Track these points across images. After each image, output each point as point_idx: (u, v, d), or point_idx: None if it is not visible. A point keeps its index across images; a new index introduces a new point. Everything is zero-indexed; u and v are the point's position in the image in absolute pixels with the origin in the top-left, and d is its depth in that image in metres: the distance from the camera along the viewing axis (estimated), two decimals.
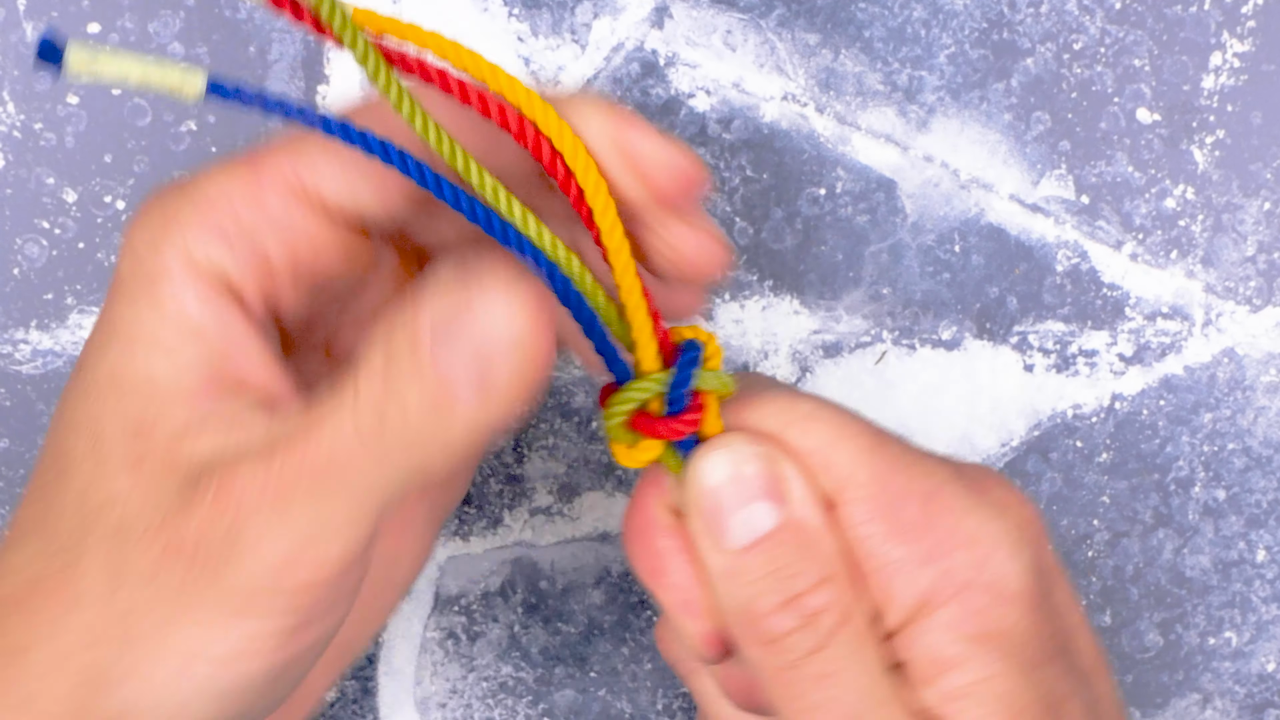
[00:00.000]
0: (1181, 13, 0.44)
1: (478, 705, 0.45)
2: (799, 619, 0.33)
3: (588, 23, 0.43)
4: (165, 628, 0.31)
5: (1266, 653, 0.45)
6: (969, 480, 0.34)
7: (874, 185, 0.44)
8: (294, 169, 0.32)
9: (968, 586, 0.32)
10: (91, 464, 0.33)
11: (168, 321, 0.32)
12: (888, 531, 0.33)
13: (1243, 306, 0.45)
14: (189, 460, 0.32)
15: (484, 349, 0.30)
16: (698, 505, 0.34)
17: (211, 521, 0.31)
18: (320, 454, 0.31)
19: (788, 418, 0.34)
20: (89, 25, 0.43)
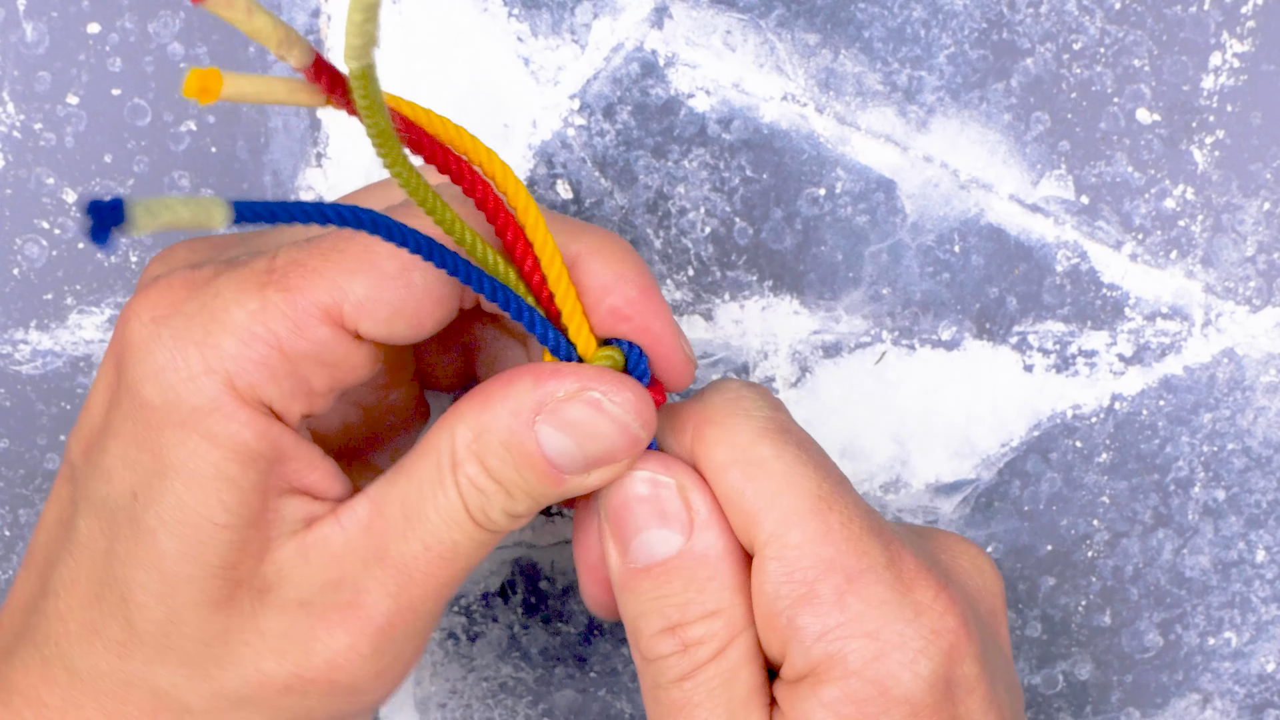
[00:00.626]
0: (1181, 13, 0.44)
1: (478, 705, 0.45)
2: (675, 646, 0.34)
3: (587, 23, 0.43)
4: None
5: (1266, 653, 0.45)
6: (898, 573, 0.33)
7: (874, 185, 0.44)
8: (335, 302, 0.32)
9: (854, 675, 0.32)
10: (170, 605, 0.33)
11: (227, 454, 0.32)
12: (798, 599, 0.33)
13: (1242, 307, 0.45)
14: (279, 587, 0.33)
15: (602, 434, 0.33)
16: (607, 514, 0.35)
17: (353, 649, 0.33)
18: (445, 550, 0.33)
19: (739, 456, 0.34)
20: (89, 26, 0.43)
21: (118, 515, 0.33)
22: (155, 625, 0.33)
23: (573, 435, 0.33)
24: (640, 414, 0.33)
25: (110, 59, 0.43)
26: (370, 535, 0.33)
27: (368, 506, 0.33)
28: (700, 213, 0.44)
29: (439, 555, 0.33)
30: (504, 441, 0.33)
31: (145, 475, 0.33)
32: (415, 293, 0.33)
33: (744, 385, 0.35)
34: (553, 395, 0.33)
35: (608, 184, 0.44)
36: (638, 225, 0.44)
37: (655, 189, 0.44)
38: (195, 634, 0.33)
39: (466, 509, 0.33)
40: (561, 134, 0.43)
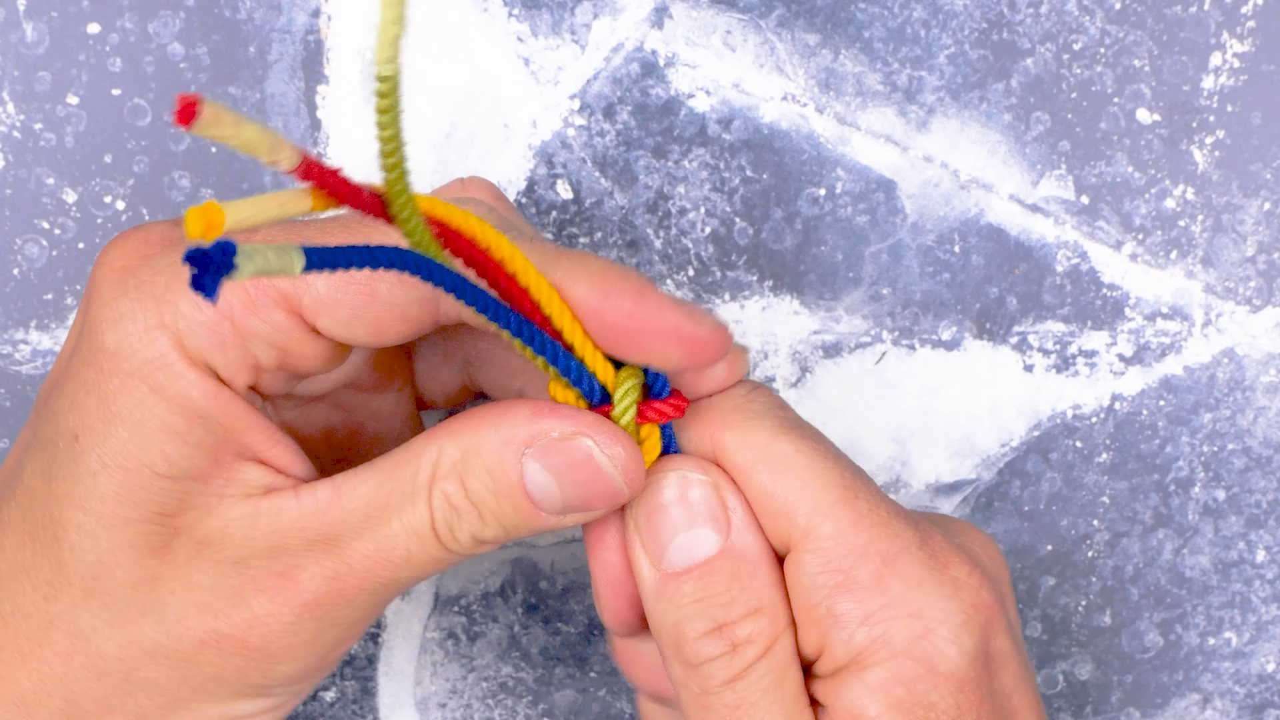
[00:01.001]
0: (1181, 13, 0.44)
1: (478, 705, 0.45)
2: (723, 647, 0.34)
3: (587, 23, 0.43)
4: (188, 704, 0.35)
5: (1266, 653, 0.45)
6: (931, 552, 0.34)
7: (874, 185, 0.44)
8: (296, 292, 0.33)
9: (902, 655, 0.33)
10: (104, 547, 0.34)
11: (173, 408, 0.33)
12: (836, 586, 0.33)
13: (1242, 307, 0.45)
14: (220, 544, 0.34)
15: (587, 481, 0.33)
16: (639, 522, 0.35)
17: (274, 616, 0.34)
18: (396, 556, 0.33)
19: (762, 456, 0.34)
20: (89, 25, 0.43)
21: (59, 456, 0.34)
22: (85, 567, 0.33)
23: (557, 476, 0.33)
24: (628, 471, 0.33)
25: (110, 59, 0.43)
26: (324, 519, 0.33)
27: (329, 492, 0.33)
28: (700, 213, 0.44)
29: (387, 559, 0.33)
30: (489, 466, 0.33)
31: (90, 418, 0.33)
32: (377, 303, 0.33)
33: (750, 388, 0.35)
34: (547, 433, 0.33)
35: (608, 184, 0.44)
36: (638, 225, 0.44)
37: (655, 189, 0.44)
38: (124, 578, 0.33)
39: (433, 524, 0.33)
40: (561, 134, 0.43)
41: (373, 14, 0.43)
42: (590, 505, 0.34)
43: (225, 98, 0.43)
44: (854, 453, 0.45)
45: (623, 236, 0.44)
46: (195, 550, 0.33)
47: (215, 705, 0.35)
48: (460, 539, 0.34)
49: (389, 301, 0.33)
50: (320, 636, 0.34)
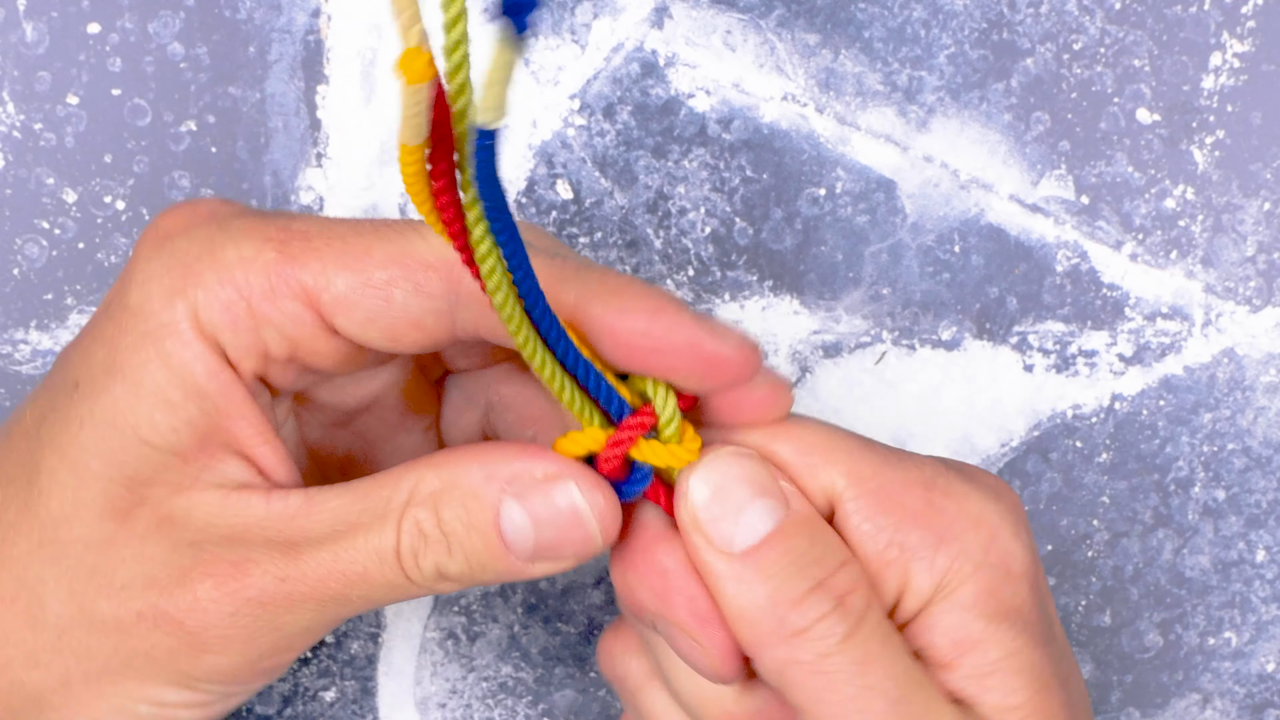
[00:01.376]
0: (1181, 13, 0.44)
1: (478, 705, 0.45)
2: (829, 603, 0.33)
3: (587, 23, 0.43)
4: (115, 677, 0.35)
5: (1266, 653, 0.45)
6: (959, 468, 0.34)
7: (874, 185, 0.44)
8: (316, 289, 0.33)
9: (981, 566, 0.33)
10: (70, 498, 0.34)
11: (174, 377, 0.33)
12: (898, 520, 0.33)
13: (1242, 307, 0.45)
14: (182, 524, 0.33)
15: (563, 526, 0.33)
16: (695, 518, 0.33)
17: (215, 603, 0.33)
18: (353, 572, 0.33)
19: (774, 432, 0.34)
20: (89, 25, 0.43)
21: (57, 401, 0.34)
22: (49, 515, 0.33)
23: (534, 518, 0.33)
24: (604, 521, 0.33)
25: (110, 59, 0.43)
26: (288, 525, 0.33)
27: (301, 501, 0.33)
28: (700, 213, 0.44)
29: (342, 572, 0.33)
30: (466, 498, 0.33)
31: (94, 370, 0.33)
32: (393, 308, 0.33)
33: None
34: (529, 473, 0.33)
35: (608, 184, 0.44)
36: (638, 225, 0.44)
37: (655, 189, 0.44)
38: (81, 534, 0.33)
39: (398, 548, 0.33)
40: (561, 134, 0.44)
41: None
42: (560, 553, 0.33)
43: (225, 98, 0.43)
44: None
45: (623, 236, 0.44)
46: (155, 524, 0.33)
47: (140, 685, 0.34)
48: (423, 568, 0.33)
49: (404, 308, 0.33)
50: (257, 636, 0.34)
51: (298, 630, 0.34)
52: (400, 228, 0.33)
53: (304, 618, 0.34)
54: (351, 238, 0.33)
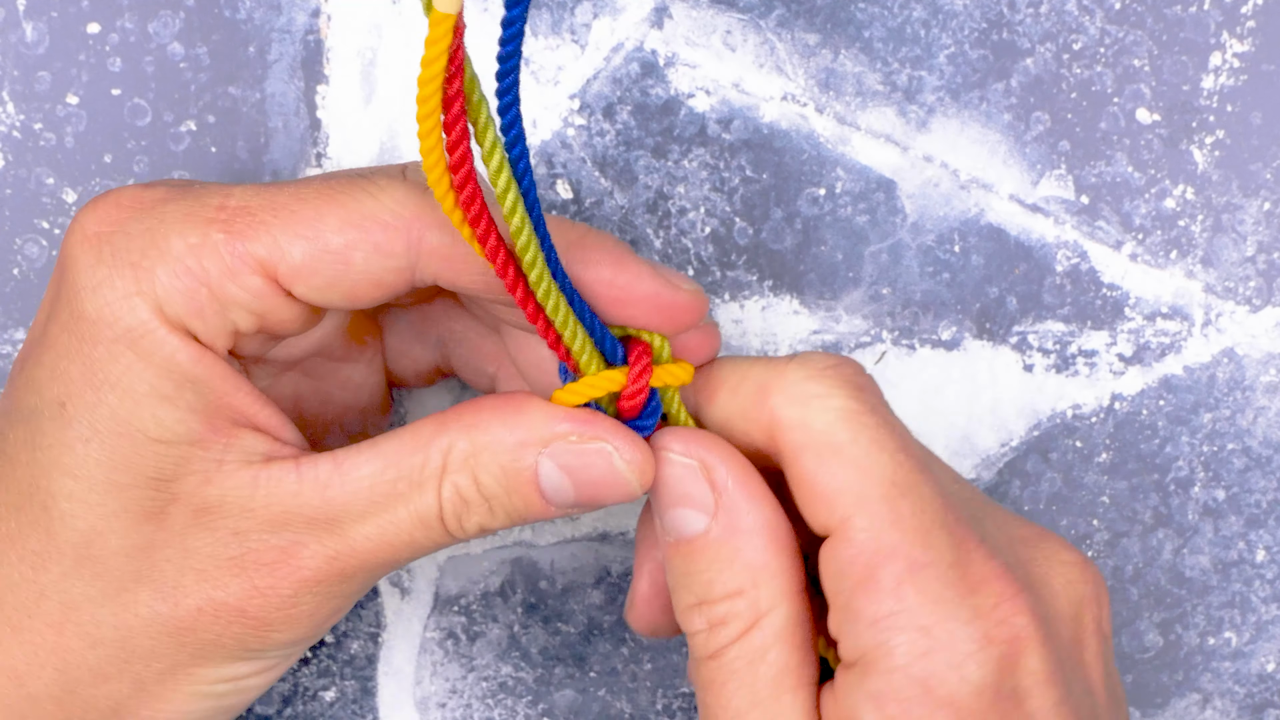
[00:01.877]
0: (1181, 13, 0.44)
1: (478, 705, 0.45)
2: (703, 623, 0.34)
3: (587, 23, 0.43)
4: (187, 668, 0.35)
5: (1266, 653, 0.45)
6: (963, 571, 0.32)
7: (874, 185, 0.44)
8: (273, 260, 0.33)
9: (900, 670, 0.32)
10: (98, 513, 0.33)
11: (161, 372, 0.33)
12: (857, 582, 0.33)
13: (1242, 306, 0.45)
14: (218, 512, 0.34)
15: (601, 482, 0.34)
16: (654, 488, 0.35)
17: (273, 589, 0.34)
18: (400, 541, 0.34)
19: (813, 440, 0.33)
20: (89, 25, 0.43)
21: (44, 425, 0.33)
22: (77, 534, 0.33)
23: (572, 477, 0.33)
24: (643, 474, 0.34)
25: (110, 59, 0.43)
26: (324, 497, 0.33)
27: (330, 467, 0.34)
28: (700, 213, 0.44)
29: (390, 543, 0.34)
30: (504, 464, 0.33)
31: (76, 386, 0.33)
32: (352, 271, 0.33)
33: (834, 362, 0.35)
34: (564, 435, 0.33)
35: (608, 184, 0.44)
36: (638, 225, 0.44)
37: (655, 189, 0.44)
38: (117, 545, 0.33)
39: (441, 514, 0.34)
40: (561, 134, 0.44)
41: (378, 13, 0.43)
42: (601, 501, 0.34)
43: (225, 98, 0.43)
44: None
45: (623, 236, 0.44)
46: (192, 517, 0.33)
47: (213, 668, 0.35)
48: (467, 528, 0.34)
49: (364, 270, 0.33)
50: (318, 609, 0.34)
51: (354, 591, 0.35)
52: (346, 187, 0.33)
53: (359, 583, 0.35)
54: (296, 205, 0.33)
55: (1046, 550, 0.35)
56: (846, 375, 0.34)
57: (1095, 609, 0.35)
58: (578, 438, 0.33)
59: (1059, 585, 0.34)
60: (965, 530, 0.33)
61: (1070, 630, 0.34)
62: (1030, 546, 0.35)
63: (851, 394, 0.34)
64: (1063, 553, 0.35)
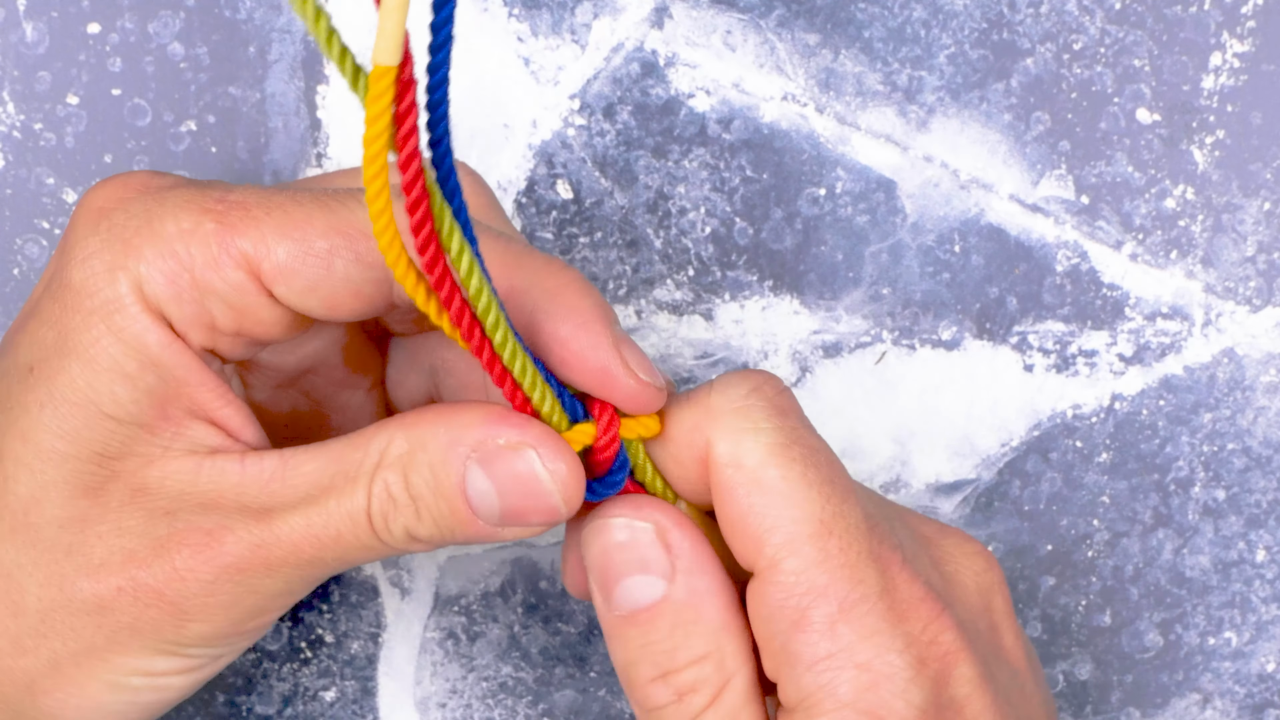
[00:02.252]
0: (1181, 13, 0.44)
1: (478, 705, 0.45)
2: (670, 695, 0.34)
3: (588, 23, 0.43)
4: (102, 654, 0.35)
5: (1266, 653, 0.45)
6: (891, 602, 0.33)
7: (874, 185, 0.44)
8: (258, 258, 0.33)
9: (848, 706, 0.32)
10: (38, 480, 0.34)
11: (128, 350, 0.33)
12: (791, 625, 0.33)
13: (1243, 306, 0.45)
14: (156, 494, 0.33)
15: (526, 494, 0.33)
16: (592, 560, 0.34)
17: (192, 572, 0.33)
18: (327, 535, 0.33)
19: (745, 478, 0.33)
20: (89, 25, 0.43)
21: (13, 387, 0.34)
22: (17, 500, 0.33)
23: (497, 485, 0.33)
24: (567, 489, 0.33)
25: (110, 59, 0.43)
26: (263, 489, 0.33)
27: (276, 463, 0.33)
28: (700, 213, 0.44)
29: (316, 536, 0.33)
30: (432, 464, 0.33)
31: (46, 352, 0.33)
32: (333, 277, 0.33)
33: (752, 388, 0.34)
34: (493, 439, 0.33)
35: (608, 184, 0.44)
36: (638, 225, 0.44)
37: (655, 189, 0.44)
38: (53, 515, 0.33)
39: (369, 511, 0.33)
40: (561, 134, 0.43)
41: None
42: (527, 520, 0.33)
43: (225, 98, 0.43)
44: (854, 452, 0.45)
45: (623, 236, 0.44)
46: (129, 496, 0.33)
47: (129, 658, 0.34)
48: (394, 531, 0.33)
49: (345, 277, 0.33)
50: (238, 601, 0.34)
51: (277, 592, 0.34)
52: (341, 198, 0.33)
53: (281, 580, 0.34)
54: (291, 207, 0.33)
55: (951, 546, 0.36)
56: (769, 400, 0.34)
57: (1001, 592, 0.36)
58: (505, 443, 0.33)
59: (969, 580, 0.35)
60: (889, 555, 0.33)
61: (985, 621, 0.35)
62: (937, 546, 0.36)
63: (777, 423, 0.34)
64: (965, 545, 0.36)
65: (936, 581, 0.34)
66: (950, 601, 0.34)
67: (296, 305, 0.33)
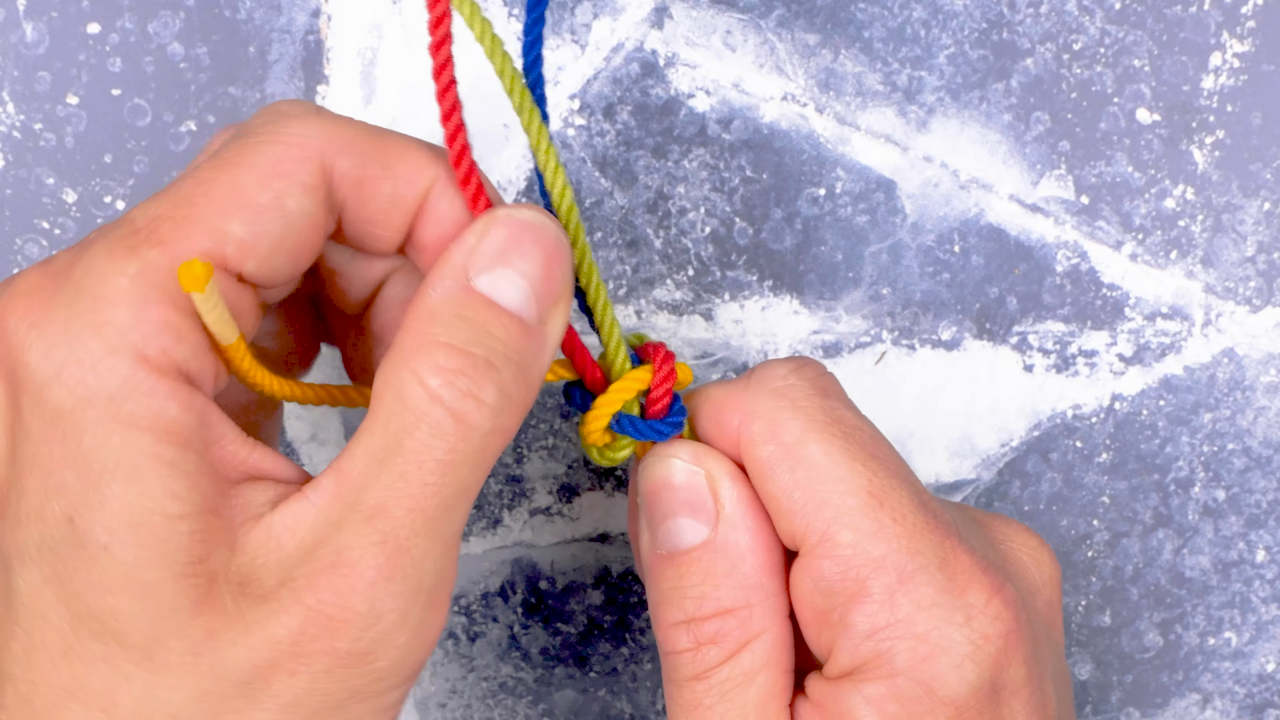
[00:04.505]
0: (1181, 13, 0.44)
1: (478, 705, 0.45)
2: (689, 642, 0.33)
3: (588, 23, 0.43)
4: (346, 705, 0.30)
5: (1266, 653, 0.45)
6: (950, 574, 0.32)
7: (874, 185, 0.44)
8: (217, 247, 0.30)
9: (903, 674, 0.32)
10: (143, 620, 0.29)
11: (158, 435, 0.29)
12: (852, 596, 0.32)
13: (1242, 306, 0.45)
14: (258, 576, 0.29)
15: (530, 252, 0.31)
16: (643, 496, 0.34)
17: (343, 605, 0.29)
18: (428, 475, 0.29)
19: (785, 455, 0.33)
20: (89, 25, 0.43)
21: (60, 551, 0.29)
22: (138, 652, 0.29)
23: (506, 264, 0.31)
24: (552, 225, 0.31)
25: (110, 59, 0.43)
26: (340, 498, 0.29)
27: (333, 475, 0.30)
28: (700, 213, 0.44)
29: (421, 481, 0.29)
30: (457, 314, 0.30)
31: (77, 493, 0.28)
32: (293, 220, 0.30)
33: (792, 369, 0.34)
34: (466, 243, 0.31)
35: (608, 184, 0.44)
36: (638, 225, 0.44)
37: (655, 189, 0.44)
38: (180, 646, 0.29)
39: (445, 407, 0.29)
40: (561, 134, 0.44)
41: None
42: (550, 276, 0.31)
43: (225, 98, 0.43)
44: None
45: (623, 236, 0.44)
46: (238, 591, 0.29)
47: (363, 702, 0.30)
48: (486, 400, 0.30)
49: (301, 215, 0.30)
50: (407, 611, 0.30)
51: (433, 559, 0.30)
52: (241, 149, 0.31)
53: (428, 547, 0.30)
54: (206, 188, 0.30)
55: (1001, 527, 0.36)
56: (809, 380, 0.34)
57: (1056, 590, 0.36)
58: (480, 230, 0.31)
59: (1031, 568, 0.35)
60: (944, 530, 0.33)
61: (1042, 598, 0.35)
62: (990, 528, 0.35)
63: (817, 402, 0.34)
64: (1023, 535, 0.36)
65: (994, 557, 0.34)
66: (1009, 576, 0.34)
67: (266, 272, 0.30)
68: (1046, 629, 0.35)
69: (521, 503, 0.45)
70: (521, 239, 0.31)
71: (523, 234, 0.31)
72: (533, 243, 0.31)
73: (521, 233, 0.31)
